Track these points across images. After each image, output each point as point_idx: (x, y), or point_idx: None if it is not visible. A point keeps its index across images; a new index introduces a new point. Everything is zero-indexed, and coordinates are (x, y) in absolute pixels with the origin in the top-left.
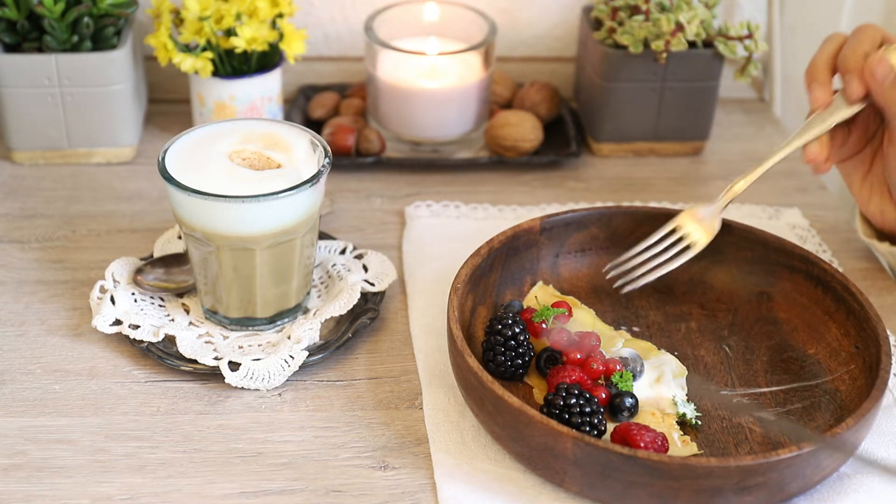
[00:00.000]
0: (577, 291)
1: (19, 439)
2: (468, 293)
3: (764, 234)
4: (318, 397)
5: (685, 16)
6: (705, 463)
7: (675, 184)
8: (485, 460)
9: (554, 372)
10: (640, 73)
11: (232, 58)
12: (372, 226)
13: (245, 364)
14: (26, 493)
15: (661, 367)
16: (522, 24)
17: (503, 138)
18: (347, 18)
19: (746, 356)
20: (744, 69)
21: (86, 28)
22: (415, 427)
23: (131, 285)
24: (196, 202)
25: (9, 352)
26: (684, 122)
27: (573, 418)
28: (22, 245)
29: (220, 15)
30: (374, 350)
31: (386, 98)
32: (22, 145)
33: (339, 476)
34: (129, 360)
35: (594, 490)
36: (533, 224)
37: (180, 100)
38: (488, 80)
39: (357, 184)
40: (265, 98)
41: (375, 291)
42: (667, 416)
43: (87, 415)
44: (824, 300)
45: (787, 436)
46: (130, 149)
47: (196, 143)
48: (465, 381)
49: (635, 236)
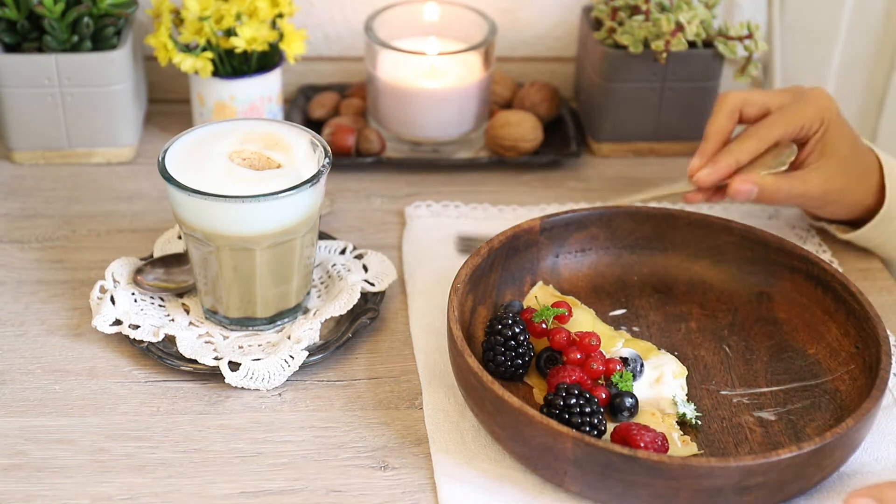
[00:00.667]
0: (577, 291)
1: (19, 439)
2: (468, 293)
3: (764, 234)
4: (318, 397)
5: (685, 16)
6: (705, 463)
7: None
8: (485, 460)
9: (554, 372)
10: (640, 73)
11: (232, 58)
12: (372, 226)
13: (245, 364)
14: (26, 493)
15: (661, 367)
16: (522, 24)
17: (503, 138)
18: (347, 18)
19: (746, 356)
20: (744, 69)
21: (86, 28)
22: (415, 427)
23: (131, 285)
24: (196, 202)
25: (9, 352)
26: (684, 122)
27: (573, 418)
28: (22, 245)
29: (220, 15)
30: (374, 350)
31: (386, 98)
32: (22, 145)
33: (339, 476)
34: (129, 360)
35: (594, 490)
36: (533, 224)
37: (180, 100)
38: (488, 80)
39: (357, 184)
40: (265, 98)
41: (375, 291)
42: (667, 416)
43: (87, 415)
44: (824, 300)
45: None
46: (130, 149)
47: (196, 143)
48: (465, 381)
49: (635, 236)
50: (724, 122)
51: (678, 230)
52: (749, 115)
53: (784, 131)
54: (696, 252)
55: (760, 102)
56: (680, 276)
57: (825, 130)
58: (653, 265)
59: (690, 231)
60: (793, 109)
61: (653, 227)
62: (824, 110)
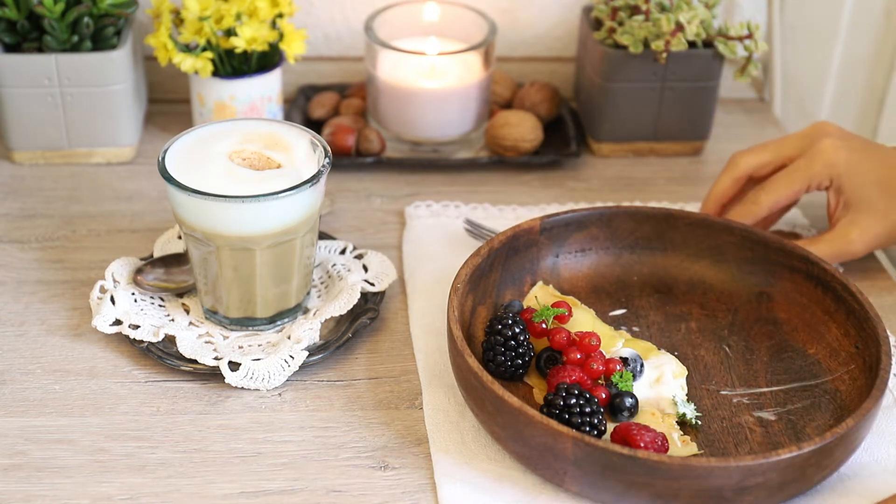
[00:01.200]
0: (577, 291)
1: (19, 439)
2: (468, 293)
3: (764, 234)
4: (318, 397)
5: (685, 16)
6: (705, 463)
7: (675, 184)
8: (485, 460)
9: (554, 372)
10: (640, 73)
11: (232, 58)
12: (372, 226)
13: (245, 364)
14: (26, 493)
15: (661, 367)
16: (522, 24)
17: (503, 138)
18: (347, 18)
19: (746, 356)
20: (744, 69)
21: (86, 28)
22: (415, 427)
23: (131, 285)
24: (196, 202)
25: (9, 352)
26: (684, 122)
27: (573, 418)
28: (22, 245)
29: (220, 15)
30: (374, 350)
31: (386, 98)
32: (22, 145)
33: (339, 476)
34: (129, 360)
35: (594, 490)
36: (533, 224)
37: (180, 100)
38: (488, 80)
39: (357, 184)
40: (265, 98)
41: (375, 291)
42: (667, 416)
43: (87, 415)
44: (824, 300)
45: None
46: (130, 149)
47: (196, 143)
48: (465, 381)
49: (635, 236)
50: (729, 187)
51: (678, 230)
52: (762, 177)
53: (788, 192)
54: (696, 252)
55: (772, 163)
56: (680, 276)
57: (839, 186)
58: (653, 265)
59: (690, 231)
60: (796, 168)
61: (653, 227)
62: (829, 167)
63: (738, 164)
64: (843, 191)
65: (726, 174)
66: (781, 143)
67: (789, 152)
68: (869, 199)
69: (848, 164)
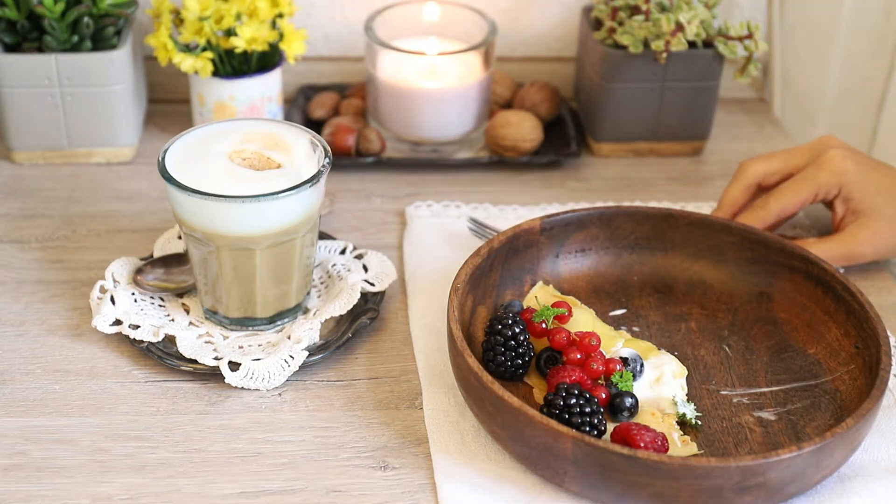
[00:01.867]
0: (577, 291)
1: (19, 439)
2: (468, 293)
3: (764, 234)
4: (318, 397)
5: (685, 16)
6: (705, 463)
7: (675, 184)
8: (485, 460)
9: (554, 372)
10: (640, 73)
11: (232, 58)
12: (372, 226)
13: (245, 364)
14: (26, 493)
15: (661, 367)
16: (522, 24)
17: (503, 138)
18: (347, 18)
19: (746, 356)
20: (744, 69)
21: (86, 28)
22: (415, 427)
23: (131, 285)
24: (196, 202)
25: (9, 352)
26: (684, 122)
27: (573, 418)
28: (22, 245)
29: (220, 15)
30: (374, 350)
31: (386, 98)
32: (22, 145)
33: (339, 476)
34: (129, 360)
35: (594, 490)
36: (533, 224)
37: (180, 100)
38: (488, 80)
39: (357, 184)
40: (265, 98)
41: (375, 291)
42: (667, 416)
43: (87, 415)
44: (824, 300)
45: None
46: (130, 149)
47: (196, 143)
48: (465, 381)
49: (635, 236)
50: (740, 194)
51: (678, 230)
52: (770, 185)
53: (796, 199)
54: (696, 252)
55: (781, 171)
56: (680, 276)
57: (847, 194)
58: (653, 265)
59: (690, 231)
60: (804, 177)
61: (653, 227)
62: (838, 176)
63: (747, 171)
64: (852, 198)
65: (736, 182)
66: (789, 152)
67: (797, 161)
68: (878, 205)
69: (856, 173)
